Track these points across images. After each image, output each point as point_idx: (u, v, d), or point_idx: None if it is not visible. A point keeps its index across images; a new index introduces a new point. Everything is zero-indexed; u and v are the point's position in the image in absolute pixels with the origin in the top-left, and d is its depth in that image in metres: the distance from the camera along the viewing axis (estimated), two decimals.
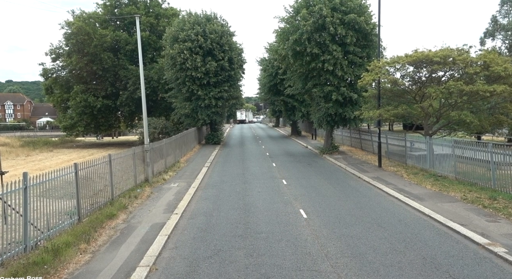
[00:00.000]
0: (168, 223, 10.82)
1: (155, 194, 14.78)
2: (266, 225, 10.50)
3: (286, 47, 24.57)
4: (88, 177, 11.41)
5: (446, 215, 10.63)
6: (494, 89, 15.09)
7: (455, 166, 15.42)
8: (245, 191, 15.22)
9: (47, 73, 41.82)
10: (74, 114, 40.24)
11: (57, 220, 9.64)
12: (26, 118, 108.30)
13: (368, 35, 23.87)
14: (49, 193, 9.43)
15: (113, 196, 13.04)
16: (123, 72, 38.89)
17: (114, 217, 11.17)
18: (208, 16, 33.79)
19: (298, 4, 24.73)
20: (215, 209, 12.42)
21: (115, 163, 13.56)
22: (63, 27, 38.50)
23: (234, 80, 34.72)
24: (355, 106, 24.35)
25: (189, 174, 19.40)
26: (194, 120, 33.59)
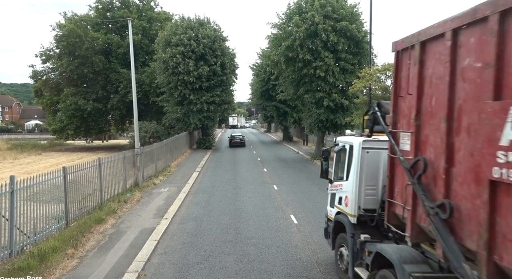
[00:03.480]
0: (158, 228, 10.72)
1: (145, 199, 14.65)
2: (256, 230, 10.47)
3: (279, 53, 24.74)
4: (76, 181, 11.27)
5: None
6: None
7: None
8: (236, 196, 15.17)
9: (37, 75, 41.33)
10: (64, 117, 39.74)
11: (44, 224, 9.48)
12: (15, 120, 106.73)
13: (359, 43, 24.15)
14: (37, 197, 9.28)
15: (102, 201, 12.88)
16: (114, 76, 38.63)
17: (102, 221, 11.02)
18: (201, 21, 33.86)
19: (290, 10, 24.96)
20: (205, 214, 12.34)
21: (105, 167, 13.42)
22: (54, 29, 38.13)
23: (226, 85, 34.76)
24: (346, 113, 24.53)
25: (180, 179, 19.29)
26: (186, 125, 33.48)
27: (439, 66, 4.38)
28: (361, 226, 6.66)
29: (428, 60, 4.65)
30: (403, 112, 5.24)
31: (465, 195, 3.98)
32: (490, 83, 3.49)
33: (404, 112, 5.21)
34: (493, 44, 3.47)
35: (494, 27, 3.46)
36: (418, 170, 4.65)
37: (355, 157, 6.77)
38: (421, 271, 4.76)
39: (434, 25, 4.53)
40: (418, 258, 4.99)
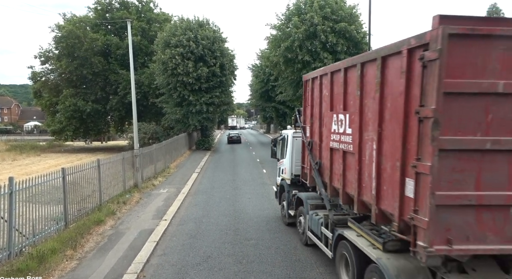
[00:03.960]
0: (157, 229, 10.71)
1: (144, 200, 14.64)
2: (255, 231, 10.47)
3: (278, 54, 24.80)
4: (76, 182, 11.26)
5: None
6: None
7: None
8: (235, 197, 15.17)
9: (36, 76, 41.33)
10: (63, 118, 39.73)
11: (43, 226, 9.47)
12: (14, 121, 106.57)
13: (358, 44, 24.21)
14: (36, 199, 9.27)
15: (101, 202, 12.87)
16: (113, 77, 38.64)
17: (102, 223, 11.02)
18: (200, 22, 33.88)
19: (289, 12, 25.03)
20: (204, 216, 12.34)
21: (104, 168, 13.41)
22: (53, 30, 38.18)
23: (226, 86, 34.79)
24: None
25: (179, 180, 19.28)
26: (185, 126, 33.50)
27: (316, 92, 8.33)
28: (293, 185, 10.61)
29: (313, 89, 8.58)
30: (306, 115, 9.09)
31: (324, 157, 7.93)
32: (327, 104, 7.52)
33: (307, 115, 9.05)
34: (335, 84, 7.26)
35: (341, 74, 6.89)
36: (310, 146, 8.69)
37: (289, 143, 10.69)
38: (315, 202, 8.74)
39: (314, 71, 8.69)
40: (316, 196, 8.96)
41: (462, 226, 4.48)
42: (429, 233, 4.41)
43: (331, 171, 7.48)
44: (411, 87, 4.74)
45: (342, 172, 6.87)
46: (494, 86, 4.34)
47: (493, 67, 4.36)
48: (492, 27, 4.38)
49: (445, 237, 4.44)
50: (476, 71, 4.34)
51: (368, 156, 5.89)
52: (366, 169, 5.99)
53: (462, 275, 4.81)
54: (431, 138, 4.33)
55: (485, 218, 4.52)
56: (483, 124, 4.40)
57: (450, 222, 4.45)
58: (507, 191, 4.46)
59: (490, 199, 4.47)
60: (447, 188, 4.39)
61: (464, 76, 4.31)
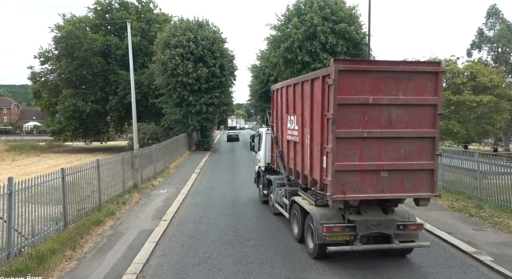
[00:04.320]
0: (156, 230, 10.70)
1: (144, 200, 14.63)
2: (255, 232, 10.46)
3: (278, 54, 24.82)
4: (75, 183, 11.26)
5: (434, 224, 10.72)
6: (480, 99, 15.42)
7: (443, 174, 15.60)
8: (235, 198, 15.16)
9: (36, 76, 41.37)
10: (63, 119, 39.77)
11: (42, 226, 9.46)
12: (13, 122, 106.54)
13: (358, 44, 24.22)
14: (35, 199, 9.26)
15: (100, 202, 12.86)
16: (113, 77, 38.67)
17: (101, 223, 11.00)
18: (200, 22, 33.90)
19: (289, 12, 25.03)
20: (204, 216, 12.33)
21: (103, 169, 13.40)
22: (52, 30, 38.25)
23: (225, 87, 34.81)
24: None
25: (179, 180, 19.27)
26: (185, 126, 33.50)
27: (280, 99, 10.76)
28: (266, 171, 13.27)
29: (277, 97, 11.24)
30: (273, 116, 11.86)
31: (284, 146, 10.58)
32: (285, 108, 10.32)
33: (273, 116, 11.83)
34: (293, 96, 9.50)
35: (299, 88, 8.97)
36: (276, 139, 11.41)
37: (263, 138, 13.71)
38: (280, 181, 11.24)
39: (277, 84, 11.54)
40: (281, 178, 11.17)
41: (351, 183, 7.24)
42: (332, 187, 7.22)
43: (287, 156, 10.44)
44: (324, 99, 7.45)
45: (293, 156, 9.83)
46: (367, 99, 7.19)
47: (366, 89, 7.14)
48: (365, 66, 7.39)
49: (341, 189, 7.23)
50: (356, 91, 7.12)
51: (306, 144, 8.66)
52: (305, 153, 8.79)
53: (358, 215, 7.74)
54: (331, 131, 7.13)
55: (366, 178, 7.31)
56: (362, 122, 7.21)
57: (344, 180, 7.22)
58: (378, 162, 7.32)
59: (368, 166, 7.30)
60: (342, 160, 7.17)
61: (349, 94, 7.10)
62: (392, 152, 7.38)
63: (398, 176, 7.41)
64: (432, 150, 7.47)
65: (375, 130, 7.24)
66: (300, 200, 9.13)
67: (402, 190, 7.45)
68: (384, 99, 7.26)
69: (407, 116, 7.37)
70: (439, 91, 7.65)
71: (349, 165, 7.19)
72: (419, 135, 7.46)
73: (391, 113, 7.32)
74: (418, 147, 7.47)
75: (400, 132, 7.36)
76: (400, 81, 7.31)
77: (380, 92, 7.24)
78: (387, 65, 7.52)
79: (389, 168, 7.35)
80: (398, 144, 7.39)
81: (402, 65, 7.61)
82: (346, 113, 7.12)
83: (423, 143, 7.49)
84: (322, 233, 7.68)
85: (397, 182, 7.42)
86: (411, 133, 7.41)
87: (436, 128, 7.54)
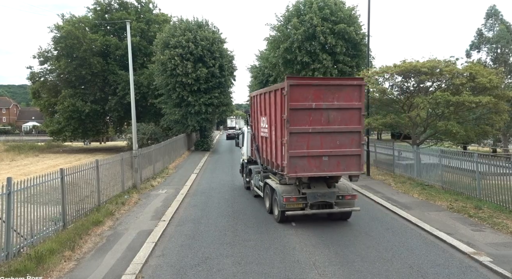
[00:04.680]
0: (156, 230, 10.69)
1: (143, 201, 14.62)
2: (254, 232, 10.45)
3: (277, 55, 24.85)
4: (74, 183, 11.24)
5: (432, 224, 10.74)
6: (479, 100, 15.42)
7: (442, 175, 15.62)
8: (234, 198, 15.15)
9: (35, 76, 41.30)
10: (62, 119, 39.70)
11: (41, 226, 9.44)
12: (12, 122, 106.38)
13: (357, 45, 24.24)
14: (34, 199, 9.25)
15: (99, 202, 12.85)
16: (112, 77, 38.63)
17: (100, 223, 10.99)
18: (200, 23, 33.89)
19: (289, 13, 25.05)
20: (203, 216, 12.32)
21: (103, 169, 13.38)
22: (52, 30, 38.13)
23: (225, 87, 34.80)
24: None
25: (178, 181, 19.26)
26: (184, 126, 33.48)
27: (256, 104, 13.37)
28: (249, 163, 16.03)
29: (254, 102, 13.68)
30: (252, 117, 14.23)
31: (259, 141, 13.36)
32: (259, 111, 13.11)
33: (252, 117, 14.20)
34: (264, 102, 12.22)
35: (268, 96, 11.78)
36: (254, 136, 14.05)
37: (245, 136, 16.39)
38: (258, 170, 13.81)
39: (254, 92, 14.09)
40: (259, 166, 13.53)
41: (301, 165, 10.09)
42: (287, 168, 10.09)
43: (262, 148, 13.14)
44: (282, 105, 10.23)
45: (265, 148, 12.54)
46: (311, 105, 10.01)
47: (310, 97, 9.95)
48: (309, 81, 10.67)
49: (294, 170, 10.07)
50: (303, 99, 9.94)
51: (273, 138, 11.44)
52: (272, 145, 11.56)
53: (309, 189, 10.72)
54: (286, 128, 9.93)
55: (311, 161, 10.17)
56: (308, 121, 10.02)
57: (296, 163, 10.08)
58: (320, 149, 10.15)
59: (313, 153, 10.14)
60: (294, 149, 9.99)
61: (298, 101, 9.91)
62: (330, 142, 10.32)
63: (335, 159, 10.39)
64: (359, 141, 10.51)
65: (317, 127, 10.20)
66: (270, 181, 12.25)
67: (338, 169, 10.45)
68: (323, 104, 10.19)
69: (340, 116, 10.30)
70: (363, 98, 10.59)
71: (299, 153, 10.16)
72: (349, 130, 10.40)
73: (328, 114, 10.24)
74: (349, 138, 10.43)
75: (335, 128, 10.31)
76: (334, 91, 10.21)
77: (320, 99, 10.14)
78: (324, 80, 11.70)
79: (328, 154, 10.30)
80: (334, 137, 10.34)
81: (335, 80, 11.16)
82: (296, 115, 10.03)
83: (352, 136, 10.46)
84: (283, 203, 10.73)
85: (335, 164, 10.38)
86: (344, 129, 10.36)
87: (361, 124, 10.47)
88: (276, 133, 10.99)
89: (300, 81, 10.35)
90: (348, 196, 11.08)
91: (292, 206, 10.77)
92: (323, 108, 10.14)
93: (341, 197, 10.95)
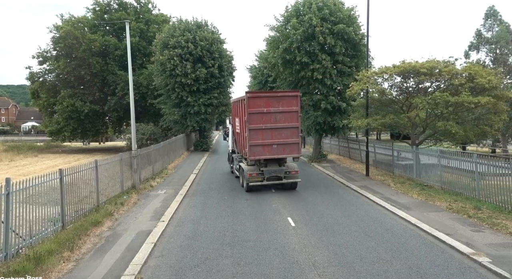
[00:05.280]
0: (155, 230, 10.68)
1: (142, 201, 14.60)
2: (254, 233, 10.45)
3: (276, 55, 24.77)
4: (73, 183, 11.22)
5: (432, 225, 10.74)
6: (478, 100, 15.41)
7: (441, 175, 15.63)
8: (233, 199, 15.14)
9: (34, 77, 41.18)
10: (61, 119, 39.61)
11: (40, 227, 9.43)
12: (11, 122, 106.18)
13: (356, 45, 24.19)
14: (33, 199, 9.24)
15: (98, 203, 12.84)
16: (111, 77, 38.57)
17: (99, 224, 10.98)
18: (199, 23, 33.84)
19: (288, 13, 24.98)
20: (202, 217, 12.32)
21: (102, 169, 13.37)
22: (51, 30, 38.03)
23: (224, 87, 34.75)
24: (343, 115, 24.58)
25: (177, 181, 19.25)
26: (183, 127, 33.43)
27: (234, 108, 19.12)
28: (232, 152, 20.80)
29: (233, 106, 19.64)
30: (232, 118, 20.34)
31: (236, 135, 19.29)
32: (235, 113, 18.63)
33: (232, 118, 20.31)
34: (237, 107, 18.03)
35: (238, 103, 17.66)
36: (233, 132, 20.33)
37: (229, 132, 21.57)
38: (238, 158, 18.38)
39: (234, 98, 20.86)
40: (237, 154, 19.03)
41: (258, 151, 15.34)
42: (248, 153, 15.39)
43: (237, 141, 18.08)
44: (244, 110, 15.47)
45: (239, 140, 17.18)
46: (263, 110, 15.32)
47: (263, 104, 15.31)
48: (262, 94, 17.64)
49: (253, 154, 15.31)
50: (258, 106, 15.24)
51: (242, 133, 16.22)
52: (242, 138, 16.53)
53: (265, 167, 15.79)
54: (247, 126, 15.24)
55: (265, 148, 15.38)
56: (261, 121, 15.31)
57: (255, 150, 15.29)
58: (271, 140, 15.35)
59: (266, 143, 15.34)
60: (253, 140, 15.21)
61: (254, 108, 15.21)
62: (278, 135, 15.47)
63: (281, 147, 15.53)
64: (297, 133, 15.73)
65: (268, 125, 15.36)
66: (242, 164, 17.19)
67: (284, 153, 15.72)
68: (272, 109, 15.38)
69: (284, 117, 15.48)
70: (299, 104, 15.79)
71: (257, 143, 15.34)
72: (290, 126, 15.58)
73: (276, 116, 15.43)
74: (290, 132, 15.60)
75: (281, 125, 15.46)
76: (279, 100, 15.52)
77: (270, 106, 15.37)
78: (272, 93, 18.41)
79: (277, 143, 15.46)
80: (280, 131, 15.48)
81: (279, 93, 16.82)
82: (253, 117, 15.23)
83: (293, 130, 15.65)
84: (248, 177, 15.70)
85: (281, 150, 15.57)
86: (287, 126, 15.52)
87: (298, 122, 15.74)
88: (243, 129, 16.29)
89: (255, 94, 16.19)
90: (293, 172, 16.21)
91: (254, 179, 15.76)
92: (272, 112, 15.41)
93: (288, 172, 16.09)
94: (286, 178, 15.92)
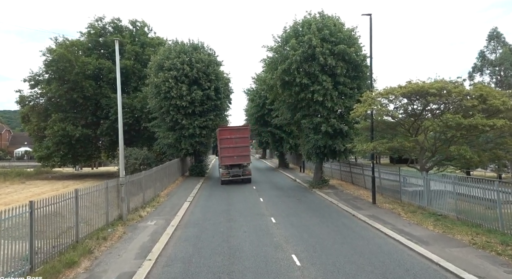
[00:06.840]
0: (139, 272, 9.26)
1: (128, 234, 13.14)
2: (253, 275, 9.02)
3: (275, 76, 23.91)
4: (49, 216, 9.84)
5: (458, 264, 9.36)
6: (494, 123, 14.37)
7: (456, 204, 14.33)
8: (230, 231, 13.71)
9: (24, 100, 40.08)
10: (51, 144, 38.11)
11: (8, 267, 8.02)
12: (4, 147, 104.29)
13: (358, 66, 23.40)
14: (8, 234, 7.96)
15: (78, 238, 11.40)
16: (105, 101, 37.54)
17: (74, 265, 9.52)
18: (195, 45, 33.17)
19: (287, 34, 24.32)
20: (195, 254, 10.88)
21: (83, 200, 12.00)
22: (44, 54, 37.21)
23: (221, 110, 33.69)
24: (345, 138, 23.48)
25: (169, 210, 17.80)
26: (177, 150, 32.06)
27: (217, 135, 30.28)
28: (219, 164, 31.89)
29: (217, 134, 30.86)
30: (218, 140, 30.24)
31: (219, 152, 30.44)
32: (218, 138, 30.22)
33: (218, 140, 30.25)
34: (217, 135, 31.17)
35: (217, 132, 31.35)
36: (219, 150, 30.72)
37: (219, 148, 30.36)
38: (219, 166, 31.71)
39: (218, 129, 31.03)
40: (227, 168, 29.80)
41: (226, 160, 29.22)
42: (221, 161, 30.08)
43: (220, 156, 30.03)
44: (218, 137, 29.90)
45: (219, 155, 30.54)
46: (227, 137, 29.42)
47: (228, 133, 29.60)
48: (227, 127, 31.97)
49: (224, 162, 29.47)
50: (225, 134, 29.56)
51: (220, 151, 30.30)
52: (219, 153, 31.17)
53: (231, 170, 29.26)
54: (219, 147, 29.99)
55: (230, 158, 29.12)
56: (227, 143, 29.27)
57: (224, 159, 29.33)
58: (233, 154, 29.04)
59: (230, 155, 29.16)
60: (223, 154, 29.44)
61: (223, 136, 29.50)
62: (237, 151, 28.72)
63: (239, 158, 28.78)
64: (248, 150, 29.76)
65: (231, 145, 28.82)
66: (220, 169, 30.08)
67: (241, 161, 29.08)
68: (233, 136, 29.02)
69: (240, 140, 28.86)
70: (248, 133, 30.08)
71: (226, 155, 28.92)
72: (243, 145, 29.05)
73: (236, 140, 28.82)
74: (243, 149, 29.07)
75: (238, 145, 28.76)
76: (237, 130, 29.77)
77: (232, 134, 29.17)
78: (234, 127, 32.01)
79: (236, 155, 28.65)
80: (237, 148, 28.75)
81: (237, 127, 31.31)
82: (223, 140, 29.10)
83: (245, 148, 29.31)
84: (221, 177, 29.23)
85: (240, 159, 28.86)
86: (241, 145, 28.90)
87: (248, 143, 29.82)
88: (221, 148, 29.20)
89: (223, 127, 30.44)
90: (247, 172, 29.24)
91: (225, 177, 28.59)
92: (233, 138, 28.72)
93: (245, 173, 29.09)
94: (243, 176, 28.99)
